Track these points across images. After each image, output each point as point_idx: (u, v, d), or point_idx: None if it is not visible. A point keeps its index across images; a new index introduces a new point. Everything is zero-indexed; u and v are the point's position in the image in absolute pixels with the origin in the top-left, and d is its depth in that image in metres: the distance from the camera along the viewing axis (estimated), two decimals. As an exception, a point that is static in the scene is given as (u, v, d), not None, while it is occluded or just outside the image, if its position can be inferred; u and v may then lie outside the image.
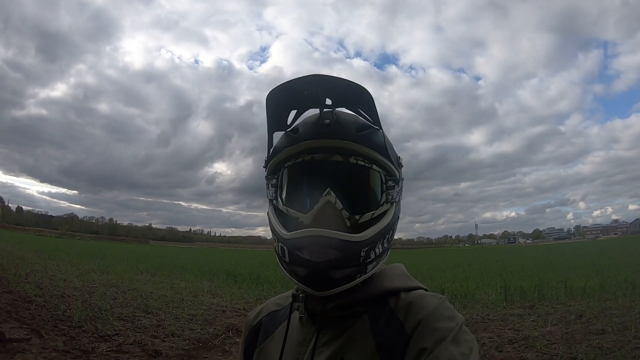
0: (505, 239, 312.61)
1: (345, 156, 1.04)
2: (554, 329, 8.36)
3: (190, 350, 7.42)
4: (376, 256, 1.04)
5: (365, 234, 1.00)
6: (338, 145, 1.03)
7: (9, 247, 29.52)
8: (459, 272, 23.97)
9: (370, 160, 1.05)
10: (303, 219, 1.02)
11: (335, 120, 1.05)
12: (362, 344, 1.03)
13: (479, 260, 39.12)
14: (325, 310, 1.09)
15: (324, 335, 1.09)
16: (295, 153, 1.08)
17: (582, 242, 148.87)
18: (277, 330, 1.24)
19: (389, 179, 1.08)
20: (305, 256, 0.99)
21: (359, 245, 0.99)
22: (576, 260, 30.52)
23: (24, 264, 18.18)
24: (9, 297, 10.02)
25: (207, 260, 34.21)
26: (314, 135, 1.05)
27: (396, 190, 1.10)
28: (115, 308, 10.00)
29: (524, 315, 9.92)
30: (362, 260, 1.00)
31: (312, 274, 0.99)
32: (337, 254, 0.97)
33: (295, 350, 1.12)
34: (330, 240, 0.96)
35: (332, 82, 1.00)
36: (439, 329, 0.95)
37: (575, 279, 15.74)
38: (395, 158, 1.12)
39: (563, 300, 11.89)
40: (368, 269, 1.04)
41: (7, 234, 60.03)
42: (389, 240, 1.10)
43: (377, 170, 1.06)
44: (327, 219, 1.00)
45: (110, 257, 28.75)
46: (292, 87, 1.02)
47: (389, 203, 1.08)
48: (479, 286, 15.73)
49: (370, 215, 1.04)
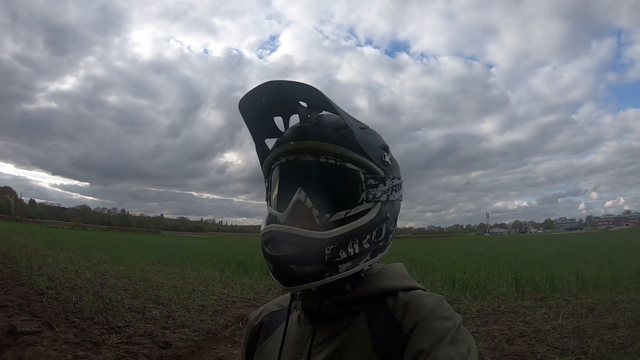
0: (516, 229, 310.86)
1: (315, 155, 1.05)
2: (565, 322, 8.29)
3: (200, 342, 7.47)
4: (349, 256, 1.02)
5: (330, 232, 0.99)
6: (310, 145, 1.05)
7: (21, 239, 29.84)
8: (470, 262, 23.90)
9: (343, 159, 1.05)
10: (279, 217, 1.05)
11: (316, 122, 1.08)
12: (359, 344, 1.03)
13: (489, 250, 39.02)
14: (322, 309, 1.10)
15: (320, 333, 1.10)
16: (276, 156, 1.12)
17: (593, 232, 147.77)
18: (276, 329, 1.26)
19: (369, 177, 1.06)
20: (268, 250, 1.03)
21: (322, 243, 0.98)
22: (588, 251, 30.34)
23: (36, 256, 18.43)
24: (21, 290, 10.15)
25: (218, 250, 34.48)
26: (291, 138, 1.08)
27: (380, 189, 1.08)
28: (126, 299, 10.12)
29: (535, 308, 9.86)
30: (327, 258, 0.99)
31: (276, 268, 1.02)
32: (296, 249, 0.98)
33: (293, 348, 1.14)
34: (289, 236, 0.99)
35: (280, 86, 1.04)
36: (436, 330, 0.95)
37: (587, 271, 15.65)
38: (377, 156, 1.09)
39: (575, 292, 11.81)
40: (340, 269, 1.01)
41: (20, 227, 60.60)
42: (373, 241, 1.07)
43: (353, 169, 1.05)
44: (299, 217, 1.02)
45: (121, 248, 29.02)
46: (251, 96, 1.08)
47: (371, 202, 1.06)
48: (490, 277, 15.67)
49: (344, 214, 1.03)
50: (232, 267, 19.98)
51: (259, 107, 1.12)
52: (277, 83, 1.03)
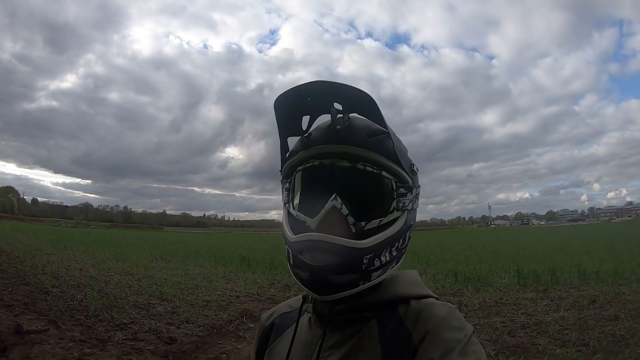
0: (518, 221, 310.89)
1: (353, 162, 1.03)
2: (566, 314, 8.33)
3: (204, 337, 7.52)
4: (382, 264, 1.02)
5: (368, 241, 0.98)
6: (346, 150, 1.03)
7: (25, 239, 29.83)
8: (472, 254, 23.89)
9: (379, 167, 1.03)
10: (309, 223, 1.02)
11: (347, 125, 1.05)
12: (369, 351, 1.02)
13: (492, 242, 38.91)
14: (333, 313, 1.09)
15: (330, 337, 1.09)
16: (305, 158, 1.08)
17: (595, 224, 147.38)
18: (286, 331, 1.25)
19: (400, 186, 1.06)
20: (306, 260, 0.99)
21: (361, 252, 0.97)
22: (590, 243, 30.24)
23: (40, 255, 18.47)
24: (26, 289, 10.23)
25: (221, 245, 34.51)
26: (323, 141, 1.05)
27: (409, 198, 1.08)
28: (131, 296, 10.19)
29: (537, 300, 9.90)
30: (364, 267, 0.99)
31: (312, 278, 0.99)
32: (338, 259, 0.96)
33: (302, 351, 1.13)
34: (331, 245, 0.96)
35: (333, 88, 0.99)
36: (447, 340, 0.94)
37: (589, 263, 15.64)
38: (408, 165, 1.09)
39: (576, 284, 11.81)
40: (372, 277, 1.01)
41: (23, 226, 60.61)
42: (399, 249, 1.08)
43: (387, 177, 1.04)
44: (332, 224, 0.99)
45: (125, 244, 29.00)
46: (295, 93, 1.02)
47: (400, 211, 1.06)
48: (492, 269, 15.67)
49: (378, 222, 1.02)
50: (235, 262, 19.98)
51: (297, 106, 1.08)
52: (328, 84, 0.99)
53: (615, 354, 6.03)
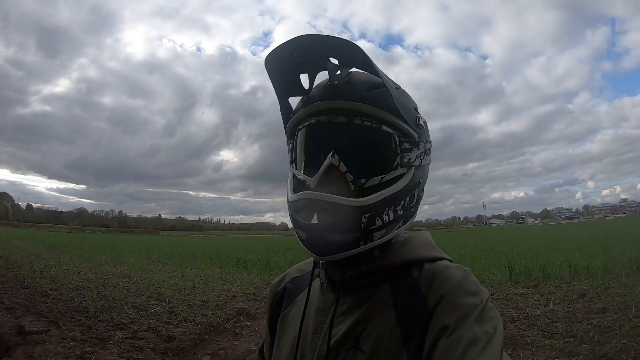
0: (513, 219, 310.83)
1: (350, 117, 1.00)
2: (556, 307, 8.47)
3: (202, 335, 7.67)
4: (384, 223, 0.99)
5: (367, 199, 0.95)
6: (343, 106, 1.00)
7: (21, 244, 29.64)
8: (466, 252, 23.91)
9: (379, 121, 1.00)
10: (309, 182, 1.00)
11: (346, 81, 1.02)
12: (383, 315, 1.01)
13: (486, 241, 38.80)
14: (345, 278, 1.07)
15: (343, 303, 1.08)
16: (303, 116, 1.06)
17: (590, 221, 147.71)
18: (299, 296, 1.24)
19: (404, 140, 1.02)
20: (301, 219, 0.99)
21: (360, 210, 0.95)
22: (583, 240, 30.26)
23: (37, 259, 18.42)
24: (25, 292, 10.26)
25: (217, 248, 34.26)
26: (321, 97, 1.02)
27: (415, 154, 1.04)
28: (129, 297, 10.26)
29: (528, 295, 10.03)
30: (364, 226, 0.96)
31: (309, 237, 0.98)
32: (334, 217, 0.95)
33: (315, 317, 1.12)
34: (326, 203, 0.95)
35: (318, 40, 0.98)
36: (462, 305, 0.92)
37: (580, 259, 15.74)
38: (412, 118, 1.05)
39: (567, 279, 11.93)
40: (375, 237, 0.99)
41: (19, 232, 60.17)
42: (406, 207, 1.04)
43: (388, 131, 1.01)
44: (331, 183, 0.97)
45: (121, 248, 28.85)
46: (282, 51, 1.01)
47: (405, 167, 1.02)
48: (485, 266, 15.77)
49: (380, 179, 0.99)
50: (231, 263, 20.03)
51: (288, 64, 1.05)
52: (314, 37, 0.97)
53: (602, 344, 6.15)
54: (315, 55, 1.03)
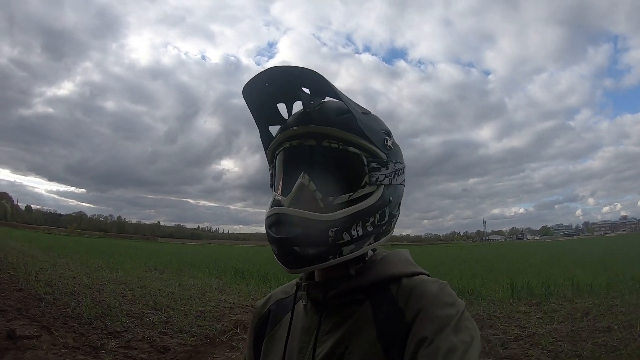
0: (513, 236, 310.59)
1: (318, 140, 1.06)
2: (559, 326, 8.35)
3: (198, 347, 7.51)
4: (353, 238, 1.03)
5: (333, 214, 1.00)
6: (312, 130, 1.07)
7: (18, 245, 29.62)
8: (466, 268, 23.90)
9: (345, 143, 1.06)
10: (283, 201, 1.06)
11: (318, 108, 1.09)
12: (364, 332, 1.03)
13: (486, 257, 38.92)
14: (327, 298, 1.11)
15: (327, 323, 1.11)
16: (279, 142, 1.13)
17: (590, 238, 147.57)
18: (284, 317, 1.27)
19: (372, 160, 1.08)
20: (272, 233, 1.03)
21: (326, 225, 1.00)
22: (584, 257, 30.34)
23: (33, 262, 18.30)
24: (19, 295, 10.14)
25: (215, 257, 34.28)
26: (294, 123, 1.10)
27: (383, 173, 1.09)
28: (124, 305, 10.11)
29: (530, 313, 9.92)
30: (331, 240, 1.00)
31: (280, 250, 1.03)
32: (302, 231, 0.99)
33: (300, 337, 1.14)
34: (292, 217, 1.00)
35: (281, 71, 1.06)
36: (439, 317, 0.95)
37: (583, 276, 15.64)
38: (379, 140, 1.11)
39: (570, 297, 11.83)
40: (344, 252, 1.03)
41: (17, 233, 60.28)
42: (376, 224, 1.08)
43: (356, 152, 1.06)
44: (303, 201, 1.03)
45: (118, 254, 28.81)
46: (254, 82, 1.09)
47: (374, 185, 1.07)
48: (486, 283, 15.69)
49: (348, 197, 1.04)
50: (229, 274, 19.97)
51: (262, 94, 1.13)
52: (280, 69, 1.05)
53: (608, 364, 6.06)
54: (287, 85, 1.11)
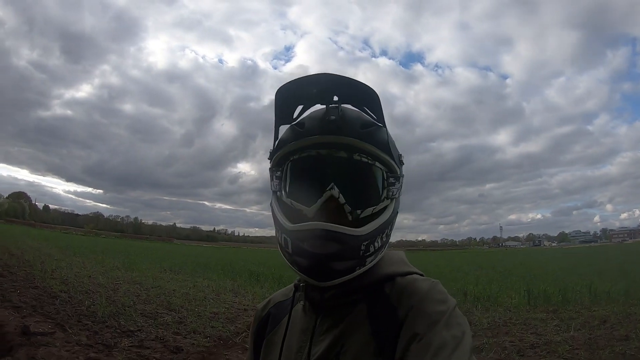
0: (530, 242, 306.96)
1: (349, 152, 1.07)
2: (577, 334, 8.23)
3: (210, 348, 7.49)
4: (375, 250, 1.08)
5: (366, 229, 1.04)
6: (343, 141, 1.07)
7: (35, 244, 30.06)
8: (482, 274, 23.75)
9: (373, 158, 1.09)
10: (307, 211, 1.06)
11: (340, 116, 1.08)
12: (359, 331, 1.07)
13: (502, 263, 38.61)
14: (324, 299, 1.14)
15: (323, 323, 1.14)
16: (301, 147, 1.11)
17: (608, 245, 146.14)
18: (283, 319, 1.28)
19: (390, 175, 1.12)
20: (308, 248, 1.02)
21: (360, 239, 1.03)
22: (602, 264, 30.03)
23: (49, 260, 18.61)
24: (34, 292, 10.29)
25: (230, 260, 34.47)
26: (320, 131, 1.08)
27: (396, 187, 1.14)
28: (139, 305, 10.18)
29: (547, 320, 9.78)
30: (362, 253, 1.04)
31: (313, 265, 1.03)
32: (339, 246, 1.00)
33: (299, 337, 1.17)
34: (332, 233, 1.00)
35: (340, 81, 1.05)
36: (430, 313, 0.98)
37: (600, 283, 15.41)
38: (397, 156, 1.16)
39: (587, 305, 11.69)
40: (367, 262, 1.07)
41: (34, 232, 61.05)
42: (388, 235, 1.13)
43: (380, 167, 1.10)
44: (330, 213, 1.04)
45: (134, 255, 29.15)
46: (303, 83, 1.07)
47: (389, 199, 1.12)
48: (502, 289, 15.55)
49: (372, 210, 1.08)
50: (244, 276, 20.02)
51: (300, 97, 1.13)
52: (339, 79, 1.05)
53: (626, 373, 5.97)
54: (329, 92, 1.10)
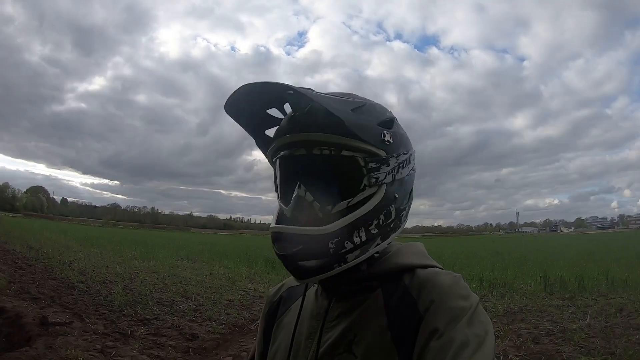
0: (547, 228, 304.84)
1: (309, 148, 1.03)
2: (593, 322, 8.16)
3: (226, 335, 7.59)
4: (356, 245, 1.00)
5: (331, 226, 0.97)
6: (303, 138, 1.03)
7: (53, 236, 30.25)
8: (498, 260, 23.62)
9: (337, 147, 1.01)
10: (286, 211, 1.05)
11: (307, 110, 1.03)
12: (374, 321, 1.03)
13: (519, 249, 38.39)
14: (337, 284, 1.11)
15: (336, 308, 1.11)
16: (274, 150, 1.10)
17: (625, 231, 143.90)
18: (294, 303, 1.27)
19: (369, 160, 1.01)
20: (276, 249, 1.03)
21: (325, 238, 0.97)
22: (619, 251, 29.70)
23: (68, 252, 18.86)
24: (53, 284, 10.47)
25: (246, 247, 34.50)
26: (285, 131, 1.06)
27: (383, 171, 1.03)
28: (155, 293, 10.33)
29: (563, 307, 9.71)
30: (332, 251, 0.98)
31: (285, 264, 1.02)
32: (301, 247, 0.98)
33: (309, 322, 1.15)
34: (292, 235, 0.99)
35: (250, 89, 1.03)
36: (452, 309, 0.93)
37: (618, 271, 15.31)
38: (375, 136, 1.03)
39: (604, 292, 11.59)
40: (348, 259, 1.00)
41: (52, 225, 61.53)
42: (381, 225, 1.04)
43: (350, 155, 1.01)
44: (302, 213, 1.01)
45: (151, 244, 29.32)
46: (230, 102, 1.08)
47: (374, 186, 1.02)
48: (518, 275, 15.49)
49: (346, 203, 1.00)
50: (259, 263, 20.00)
51: (249, 104, 1.09)
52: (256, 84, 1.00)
53: (642, 362, 5.91)
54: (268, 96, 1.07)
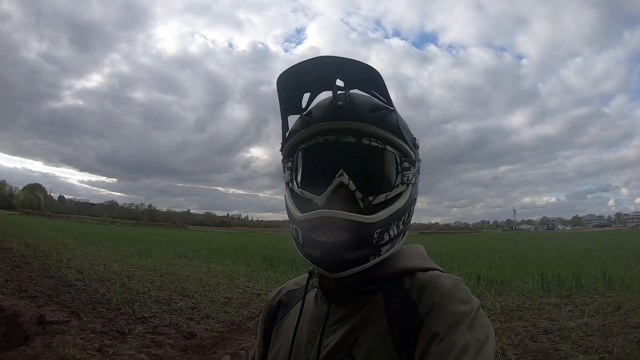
0: (544, 225, 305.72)
1: (358, 137, 1.02)
2: (590, 320, 8.18)
3: (224, 333, 7.58)
4: (390, 238, 1.03)
5: (378, 216, 0.98)
6: (350, 126, 1.02)
7: (51, 234, 30.27)
8: (496, 258, 23.65)
9: (384, 142, 1.03)
10: (317, 200, 1.02)
11: (348, 101, 1.03)
12: (375, 324, 1.02)
13: (516, 247, 38.43)
14: (339, 288, 1.10)
15: (337, 312, 1.10)
16: (308, 136, 1.08)
17: (622, 230, 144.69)
18: (294, 307, 1.26)
19: (404, 160, 1.06)
20: (317, 237, 0.99)
21: (372, 227, 0.98)
22: (616, 249, 29.76)
23: (65, 250, 18.86)
24: (50, 282, 10.46)
25: (243, 245, 34.53)
26: (326, 117, 1.04)
27: (412, 172, 1.08)
28: (153, 291, 10.32)
29: (561, 305, 9.74)
30: (375, 242, 0.99)
31: (324, 255, 0.99)
32: (350, 235, 0.96)
33: (309, 326, 1.13)
34: (342, 221, 0.96)
35: (341, 63, 0.98)
36: (453, 313, 0.93)
37: (615, 269, 15.35)
38: (410, 139, 1.09)
39: (601, 290, 11.63)
40: (382, 251, 1.02)
41: (50, 222, 61.49)
42: (405, 223, 1.08)
43: (392, 152, 1.04)
44: (341, 201, 0.99)
45: (149, 242, 29.31)
46: (301, 69, 1.01)
47: (404, 185, 1.06)
48: (516, 273, 15.52)
49: (385, 196, 1.02)
50: (257, 261, 20.06)
51: (302, 83, 1.07)
52: (339, 60, 0.98)
53: (639, 361, 5.91)
54: (331, 76, 1.04)
